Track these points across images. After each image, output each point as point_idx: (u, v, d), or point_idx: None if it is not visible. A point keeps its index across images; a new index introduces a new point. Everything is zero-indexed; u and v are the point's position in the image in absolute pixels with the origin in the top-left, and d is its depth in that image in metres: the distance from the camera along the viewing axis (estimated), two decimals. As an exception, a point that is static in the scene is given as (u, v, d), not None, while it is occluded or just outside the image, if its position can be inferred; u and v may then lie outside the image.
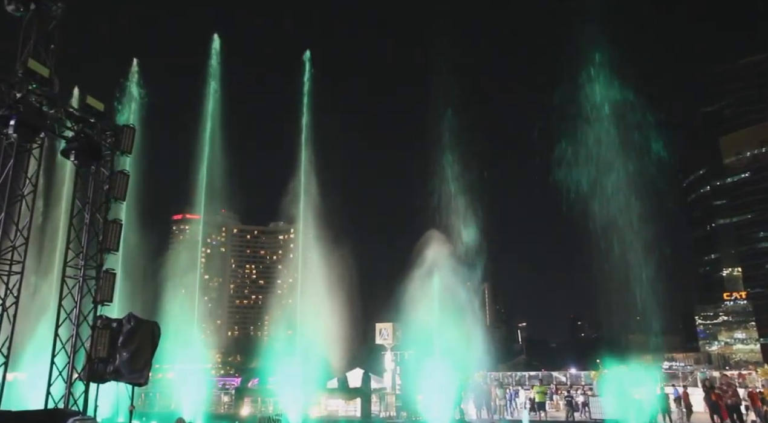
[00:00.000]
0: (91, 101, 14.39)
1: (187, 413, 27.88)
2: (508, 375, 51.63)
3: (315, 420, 26.78)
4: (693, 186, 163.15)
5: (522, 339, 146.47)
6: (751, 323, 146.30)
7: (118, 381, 12.12)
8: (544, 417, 30.28)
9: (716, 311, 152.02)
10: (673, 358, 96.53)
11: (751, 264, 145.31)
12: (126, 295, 29.60)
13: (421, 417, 25.34)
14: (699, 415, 30.59)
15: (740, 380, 49.82)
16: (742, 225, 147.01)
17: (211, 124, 34.92)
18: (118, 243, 14.14)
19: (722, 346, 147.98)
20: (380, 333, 40.27)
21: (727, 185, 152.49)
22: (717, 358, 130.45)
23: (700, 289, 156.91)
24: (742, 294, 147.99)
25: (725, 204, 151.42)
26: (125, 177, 14.94)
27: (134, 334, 11.98)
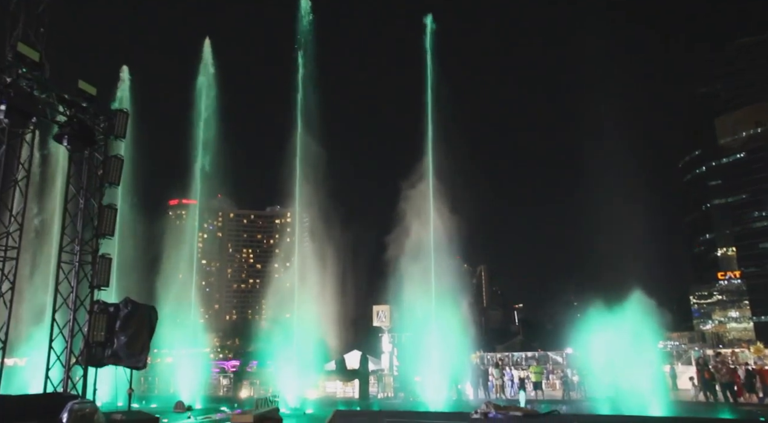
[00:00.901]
0: (83, 85, 14.26)
1: (186, 396, 28.06)
2: (505, 355, 51.97)
3: (313, 402, 26.96)
4: (689, 167, 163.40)
5: (518, 320, 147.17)
6: (744, 302, 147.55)
7: (116, 365, 12.18)
8: (541, 396, 30.61)
9: (711, 291, 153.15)
10: (669, 337, 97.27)
11: (746, 244, 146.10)
12: (123, 281, 29.61)
13: (419, 398, 25.54)
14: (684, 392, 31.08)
15: (733, 358, 50.31)
16: (737, 205, 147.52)
17: (205, 107, 34.72)
18: (113, 228, 14.09)
19: (716, 325, 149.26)
20: (377, 315, 40.49)
21: (722, 166, 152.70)
22: (711, 337, 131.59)
23: (696, 269, 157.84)
24: (736, 273, 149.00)
25: (720, 184, 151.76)
26: (119, 161, 14.85)
27: (131, 318, 11.99)
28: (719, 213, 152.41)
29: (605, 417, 17.10)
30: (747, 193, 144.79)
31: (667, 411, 19.87)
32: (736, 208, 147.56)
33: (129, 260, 31.30)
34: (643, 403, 20.65)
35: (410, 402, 26.04)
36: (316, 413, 24.26)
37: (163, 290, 30.97)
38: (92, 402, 9.97)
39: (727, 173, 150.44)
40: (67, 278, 14.34)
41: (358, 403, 27.30)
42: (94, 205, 14.34)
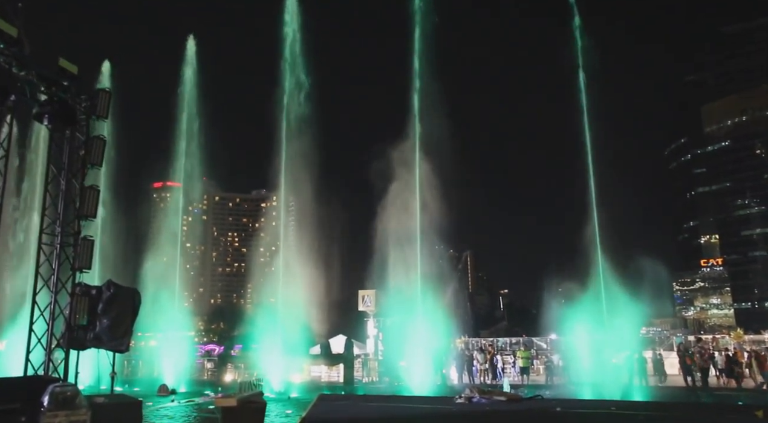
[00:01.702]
0: (64, 64, 13.91)
1: (170, 380, 27.96)
2: (490, 341, 52.33)
3: (298, 386, 26.97)
4: (674, 154, 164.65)
5: (504, 305, 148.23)
6: (726, 289, 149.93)
7: (98, 348, 12.04)
8: (526, 381, 30.92)
9: (693, 278, 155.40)
10: (652, 323, 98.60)
11: (728, 231, 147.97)
12: (106, 263, 29.33)
13: (404, 382, 25.64)
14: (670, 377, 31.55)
15: (714, 344, 51.10)
16: (721, 193, 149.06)
17: (189, 89, 34.26)
18: (95, 209, 13.85)
19: (698, 312, 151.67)
20: (363, 300, 40.55)
21: (707, 154, 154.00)
22: (692, 323, 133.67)
23: (679, 256, 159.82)
24: (718, 261, 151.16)
25: (705, 172, 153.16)
26: (102, 142, 14.55)
27: (114, 301, 11.83)
28: (703, 201, 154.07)
29: (586, 402, 17.24)
30: (731, 181, 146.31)
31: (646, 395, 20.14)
32: (720, 196, 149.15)
33: (112, 242, 31.02)
34: (624, 388, 20.96)
35: (395, 386, 26.13)
36: (301, 397, 24.26)
37: (146, 273, 30.75)
38: (74, 385, 9.83)
39: (711, 161, 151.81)
40: (48, 260, 14.10)
41: (342, 387, 27.35)
42: (75, 186, 14.06)
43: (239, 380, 10.81)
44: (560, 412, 15.16)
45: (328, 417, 15.68)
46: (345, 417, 15.15)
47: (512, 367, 35.34)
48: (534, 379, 32.61)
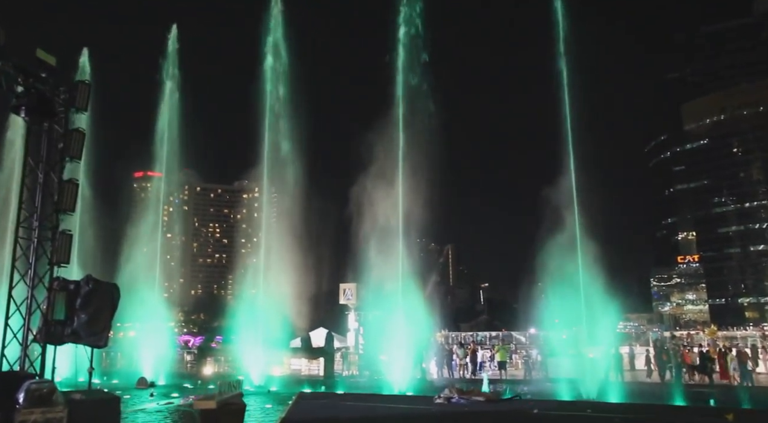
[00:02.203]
0: (41, 54, 13.67)
1: (148, 372, 27.80)
2: (469, 335, 52.83)
3: (278, 379, 26.95)
4: (655, 152, 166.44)
5: (484, 299, 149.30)
6: (701, 285, 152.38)
7: (76, 343, 11.93)
8: (504, 375, 31.23)
9: (670, 273, 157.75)
10: (628, 318, 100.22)
11: (706, 228, 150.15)
12: (85, 256, 28.98)
13: (383, 376, 25.73)
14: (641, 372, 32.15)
15: (689, 340, 52.07)
16: (699, 190, 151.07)
17: (172, 78, 33.90)
18: (74, 203, 13.65)
19: (674, 307, 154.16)
20: (344, 293, 40.61)
21: (686, 151, 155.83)
22: (668, 319, 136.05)
23: (657, 252, 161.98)
24: (695, 257, 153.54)
25: (684, 170, 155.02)
26: (81, 135, 14.34)
27: (93, 296, 11.72)
28: (682, 198, 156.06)
29: (563, 403, 17.47)
30: (709, 179, 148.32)
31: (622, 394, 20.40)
32: (698, 194, 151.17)
33: (91, 234, 30.66)
34: (601, 385, 21.23)
35: (374, 380, 26.23)
36: (281, 391, 24.28)
37: (126, 263, 30.48)
38: (50, 381, 9.75)
39: (690, 159, 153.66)
40: (25, 254, 13.92)
41: (322, 381, 27.40)
42: (53, 180, 13.88)
43: (219, 383, 10.66)
44: (537, 414, 15.38)
45: (307, 418, 15.71)
46: (324, 418, 15.19)
47: (490, 361, 35.71)
48: (512, 374, 32.97)
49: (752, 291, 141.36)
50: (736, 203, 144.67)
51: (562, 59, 24.79)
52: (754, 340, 45.48)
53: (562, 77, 24.72)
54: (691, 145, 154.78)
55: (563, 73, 24.71)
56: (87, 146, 16.43)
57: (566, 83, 24.62)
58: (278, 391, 24.39)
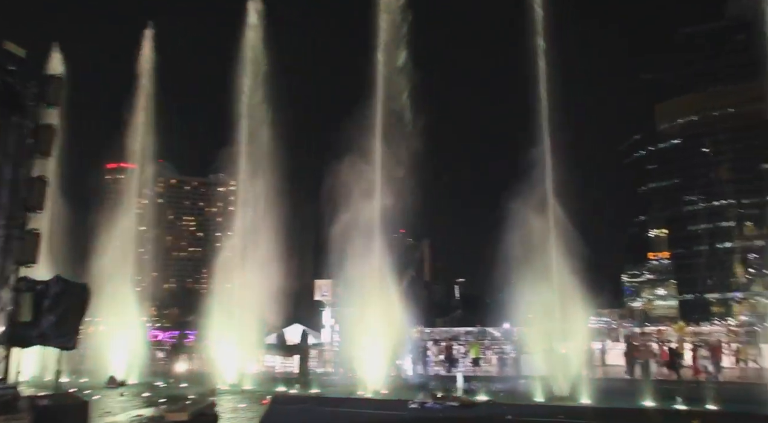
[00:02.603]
0: (10, 47, 13.26)
1: (119, 370, 27.34)
2: (444, 331, 53.03)
3: (252, 376, 26.72)
4: (629, 150, 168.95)
5: (459, 295, 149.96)
6: (671, 281, 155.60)
7: (44, 345, 11.59)
8: (479, 372, 31.45)
9: (641, 270, 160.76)
10: (600, 313, 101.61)
11: (676, 226, 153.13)
12: (55, 251, 28.32)
13: (359, 373, 25.68)
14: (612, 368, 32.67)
15: (658, 335, 53.02)
16: (671, 189, 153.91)
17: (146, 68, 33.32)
18: (43, 201, 13.29)
19: (645, 303, 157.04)
20: (320, 289, 40.52)
21: (659, 150, 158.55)
22: (639, 314, 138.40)
23: (629, 249, 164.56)
24: (665, 254, 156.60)
25: (657, 168, 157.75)
26: (51, 131, 13.94)
27: (62, 297, 11.41)
28: (654, 196, 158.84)
29: (536, 407, 17.62)
30: (680, 178, 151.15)
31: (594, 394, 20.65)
32: (670, 192, 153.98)
33: (61, 229, 29.99)
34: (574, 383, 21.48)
35: (349, 378, 26.17)
36: (255, 389, 24.11)
37: (98, 257, 29.93)
38: (14, 387, 9.48)
39: (663, 158, 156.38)
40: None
41: (297, 379, 27.21)
42: (22, 177, 13.48)
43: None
44: (510, 420, 15.50)
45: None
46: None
47: (464, 358, 35.90)
48: (487, 370, 33.25)
49: (719, 287, 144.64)
50: (705, 202, 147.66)
51: (541, 58, 24.95)
52: (720, 335, 46.53)
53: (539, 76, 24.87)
54: (664, 145, 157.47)
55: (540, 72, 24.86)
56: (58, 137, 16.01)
57: (544, 82, 24.78)
58: (252, 389, 24.22)
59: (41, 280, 12.26)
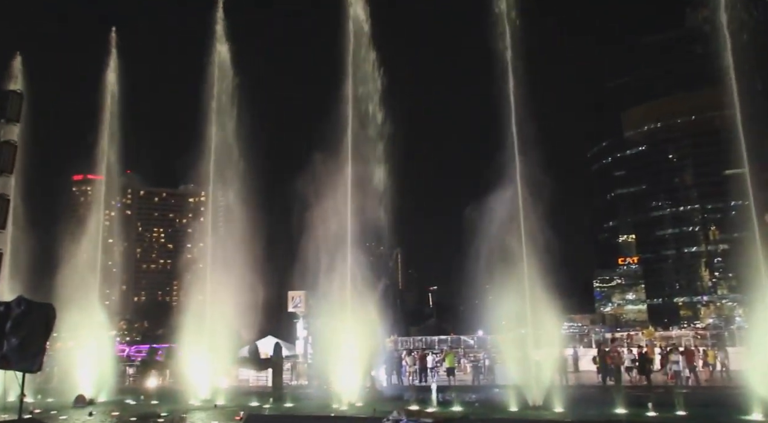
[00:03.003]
0: (-31, 60, 12.92)
1: (87, 388, 26.58)
2: (418, 339, 53.02)
3: (225, 391, 26.24)
4: (596, 157, 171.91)
5: (433, 302, 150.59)
6: (641, 286, 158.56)
7: (6, 369, 11.15)
8: (453, 382, 31.36)
9: (612, 275, 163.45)
10: (572, 319, 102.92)
11: (644, 231, 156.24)
12: (19, 267, 27.55)
13: (333, 385, 25.44)
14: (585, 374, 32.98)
15: (629, 340, 53.82)
16: (638, 195, 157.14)
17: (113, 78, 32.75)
18: (5, 220, 12.94)
19: (615, 307, 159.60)
20: (292, 300, 40.06)
21: (626, 157, 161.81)
22: (610, 319, 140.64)
23: (599, 254, 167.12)
24: (634, 259, 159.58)
25: (624, 175, 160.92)
26: (12, 148, 13.60)
27: (25, 318, 11.02)
28: (622, 202, 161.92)
29: (511, 422, 17.59)
30: (647, 183, 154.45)
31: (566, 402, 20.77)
32: (637, 198, 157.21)
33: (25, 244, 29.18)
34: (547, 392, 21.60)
35: (324, 391, 25.91)
36: (228, 405, 23.71)
37: (64, 271, 29.20)
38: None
39: (630, 164, 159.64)
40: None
41: (271, 393, 26.81)
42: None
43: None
44: None
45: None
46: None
47: (440, 365, 35.85)
48: (461, 379, 33.24)
49: (686, 291, 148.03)
50: (671, 207, 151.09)
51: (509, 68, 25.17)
52: (687, 339, 47.46)
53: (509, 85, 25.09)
54: (631, 151, 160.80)
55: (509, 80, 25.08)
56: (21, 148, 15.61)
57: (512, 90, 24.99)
58: (225, 405, 23.81)
59: (3, 301, 11.82)
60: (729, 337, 40.87)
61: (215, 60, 31.19)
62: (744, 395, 18.74)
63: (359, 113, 27.93)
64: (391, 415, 11.90)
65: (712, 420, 18.35)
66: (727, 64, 21.99)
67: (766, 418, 17.99)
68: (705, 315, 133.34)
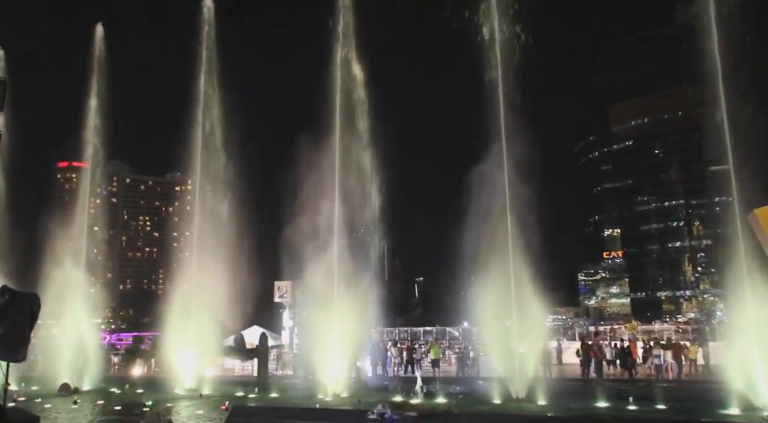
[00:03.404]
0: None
1: (72, 377, 26.50)
2: (404, 330, 53.19)
3: (210, 381, 26.28)
4: (583, 152, 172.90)
5: (419, 293, 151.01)
6: (624, 279, 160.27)
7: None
8: (438, 373, 31.54)
9: (596, 269, 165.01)
10: (557, 311, 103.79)
11: (629, 226, 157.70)
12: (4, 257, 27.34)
13: (318, 376, 25.56)
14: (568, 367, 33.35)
15: (612, 334, 54.38)
16: (624, 190, 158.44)
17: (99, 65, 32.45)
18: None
19: (599, 301, 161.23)
20: (279, 290, 40.08)
21: (613, 152, 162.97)
22: (594, 312, 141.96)
23: (584, 248, 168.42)
24: (619, 253, 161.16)
25: (610, 169, 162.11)
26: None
27: (9, 308, 10.94)
28: (608, 196, 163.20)
29: (494, 416, 17.72)
30: (632, 178, 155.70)
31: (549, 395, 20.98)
32: (623, 193, 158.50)
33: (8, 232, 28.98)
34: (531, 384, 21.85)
35: (309, 381, 26.01)
36: (213, 394, 23.76)
37: (49, 259, 29.00)
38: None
39: (616, 159, 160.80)
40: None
41: (256, 383, 26.87)
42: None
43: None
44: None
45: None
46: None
47: (425, 356, 36.03)
48: (446, 371, 33.46)
49: (669, 285, 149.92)
50: (656, 202, 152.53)
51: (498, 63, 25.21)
52: (670, 333, 48.04)
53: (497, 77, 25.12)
54: (618, 146, 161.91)
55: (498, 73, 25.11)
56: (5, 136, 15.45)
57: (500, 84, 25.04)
58: (210, 394, 23.86)
59: (-13, 291, 11.73)
60: (710, 332, 41.38)
61: (203, 46, 31.00)
62: (723, 390, 19.12)
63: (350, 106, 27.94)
64: (376, 408, 11.97)
65: (692, 414, 18.65)
66: (714, 61, 22.22)
67: (743, 412, 18.38)
68: (687, 309, 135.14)
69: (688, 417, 18.39)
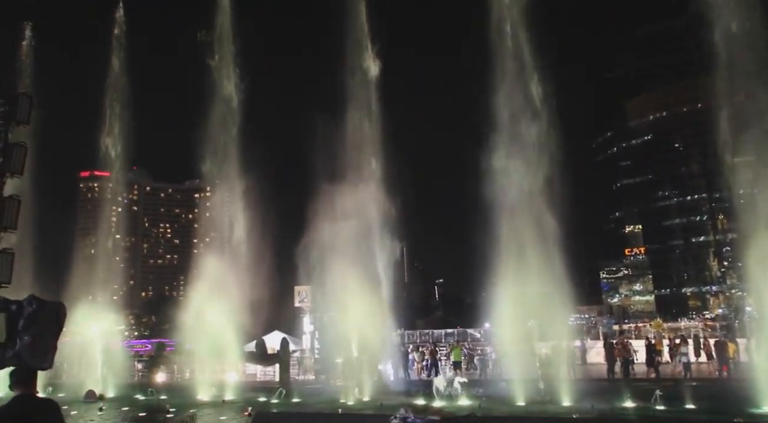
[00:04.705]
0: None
1: (97, 383, 26.79)
2: (425, 333, 53.03)
3: (232, 386, 26.35)
4: (601, 148, 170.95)
5: (439, 295, 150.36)
6: (648, 276, 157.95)
7: (18, 367, 11.17)
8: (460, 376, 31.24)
9: (618, 266, 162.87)
10: (579, 310, 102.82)
11: (651, 221, 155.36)
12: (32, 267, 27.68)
13: (340, 381, 25.51)
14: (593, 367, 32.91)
15: (636, 332, 53.71)
16: (644, 185, 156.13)
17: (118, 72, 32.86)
18: (15, 221, 12.94)
19: (622, 298, 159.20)
20: (299, 295, 40.21)
21: (631, 147, 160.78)
22: (617, 310, 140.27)
23: (605, 245, 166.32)
24: (641, 249, 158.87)
25: (629, 165, 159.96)
26: (23, 150, 13.58)
27: (36, 316, 11.06)
28: (628, 192, 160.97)
29: (518, 419, 17.51)
30: (652, 173, 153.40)
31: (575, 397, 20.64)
32: (643, 188, 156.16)
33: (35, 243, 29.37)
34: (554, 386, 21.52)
35: (331, 386, 25.97)
36: (235, 400, 23.80)
37: (73, 266, 29.36)
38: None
39: (635, 154, 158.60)
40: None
41: (278, 388, 26.88)
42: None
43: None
44: None
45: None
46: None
47: (446, 359, 35.82)
48: (468, 373, 33.15)
49: (694, 281, 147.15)
50: (678, 197, 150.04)
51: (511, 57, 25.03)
52: (696, 330, 47.33)
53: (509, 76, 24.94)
54: (636, 141, 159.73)
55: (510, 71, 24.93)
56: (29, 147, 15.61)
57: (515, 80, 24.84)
58: (233, 400, 23.90)
59: (15, 299, 11.89)
60: (739, 328, 40.59)
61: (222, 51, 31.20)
62: (755, 388, 18.61)
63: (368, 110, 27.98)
64: (398, 413, 11.87)
65: (721, 413, 18.20)
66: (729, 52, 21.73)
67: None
68: (714, 305, 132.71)
69: (720, 417, 17.94)
